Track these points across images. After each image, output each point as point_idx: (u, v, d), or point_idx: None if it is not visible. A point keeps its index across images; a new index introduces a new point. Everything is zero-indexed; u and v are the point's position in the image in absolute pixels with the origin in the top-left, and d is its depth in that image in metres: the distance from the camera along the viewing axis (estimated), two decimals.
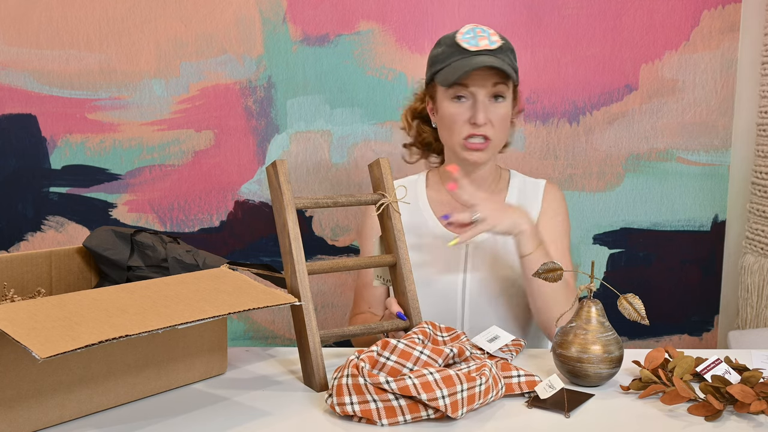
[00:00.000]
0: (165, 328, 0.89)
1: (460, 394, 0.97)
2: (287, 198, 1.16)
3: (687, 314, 2.03)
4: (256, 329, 2.04)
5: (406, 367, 1.02)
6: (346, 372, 0.99)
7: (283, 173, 1.16)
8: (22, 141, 1.96)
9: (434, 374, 0.97)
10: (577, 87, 1.94)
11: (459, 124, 1.42)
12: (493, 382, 1.03)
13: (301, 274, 1.14)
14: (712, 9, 1.90)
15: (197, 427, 0.98)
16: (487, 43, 1.39)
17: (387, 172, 1.26)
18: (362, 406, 0.97)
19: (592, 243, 2.00)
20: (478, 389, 1.00)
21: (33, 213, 1.99)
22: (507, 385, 1.09)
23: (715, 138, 1.95)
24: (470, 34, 1.41)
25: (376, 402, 0.97)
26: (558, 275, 1.18)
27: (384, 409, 0.97)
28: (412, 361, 1.03)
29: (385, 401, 0.97)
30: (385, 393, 0.97)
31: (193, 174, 1.98)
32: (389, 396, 0.97)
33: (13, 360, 0.92)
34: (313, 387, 1.12)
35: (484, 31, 1.41)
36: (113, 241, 1.31)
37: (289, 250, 1.15)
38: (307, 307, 1.13)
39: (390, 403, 0.97)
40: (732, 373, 1.07)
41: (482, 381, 1.01)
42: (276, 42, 1.93)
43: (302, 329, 1.14)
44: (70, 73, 1.94)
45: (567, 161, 1.97)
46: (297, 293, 1.13)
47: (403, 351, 1.04)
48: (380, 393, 0.97)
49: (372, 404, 0.97)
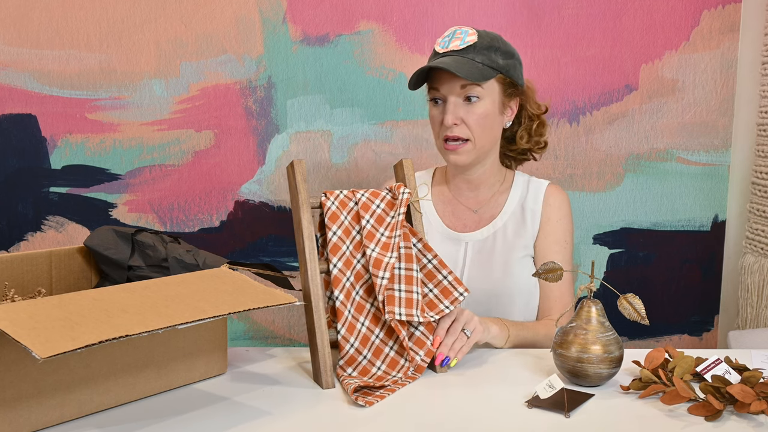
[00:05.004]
0: (165, 328, 0.89)
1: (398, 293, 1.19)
2: (303, 197, 1.18)
3: (687, 314, 2.03)
4: (256, 329, 2.05)
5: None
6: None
7: (300, 173, 1.19)
8: (22, 141, 1.96)
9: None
10: (577, 87, 1.94)
11: (436, 127, 1.43)
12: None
13: (313, 272, 1.15)
14: (712, 9, 1.90)
15: (197, 427, 0.98)
16: (458, 43, 1.38)
17: (410, 172, 1.30)
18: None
19: (592, 243, 2.00)
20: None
21: (33, 213, 1.99)
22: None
23: (715, 138, 1.95)
24: (448, 37, 1.40)
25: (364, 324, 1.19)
26: (558, 275, 1.18)
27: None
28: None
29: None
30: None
31: (193, 174, 1.98)
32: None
33: (13, 360, 0.92)
34: (320, 384, 1.13)
35: (462, 32, 1.39)
36: (114, 241, 1.31)
37: (303, 249, 1.17)
38: (317, 305, 1.14)
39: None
40: (732, 373, 1.07)
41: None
42: (276, 42, 1.93)
43: (312, 327, 1.14)
44: (70, 73, 1.94)
45: (567, 161, 1.97)
46: (309, 292, 1.14)
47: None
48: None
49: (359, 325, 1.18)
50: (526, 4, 1.91)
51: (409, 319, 1.18)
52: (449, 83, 1.38)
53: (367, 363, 1.17)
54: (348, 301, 1.18)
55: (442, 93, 1.40)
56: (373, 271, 1.18)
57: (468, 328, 1.23)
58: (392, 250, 1.20)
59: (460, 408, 1.06)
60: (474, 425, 0.99)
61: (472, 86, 1.37)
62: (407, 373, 1.18)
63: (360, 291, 1.21)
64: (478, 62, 1.37)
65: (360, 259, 1.21)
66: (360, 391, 1.10)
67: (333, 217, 1.21)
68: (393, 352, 1.20)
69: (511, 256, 1.45)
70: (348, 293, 1.18)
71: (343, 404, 1.07)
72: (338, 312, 1.16)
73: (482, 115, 1.40)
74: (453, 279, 1.23)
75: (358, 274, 1.21)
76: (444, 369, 1.21)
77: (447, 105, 1.39)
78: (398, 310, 1.17)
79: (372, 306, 1.21)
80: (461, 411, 1.04)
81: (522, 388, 1.12)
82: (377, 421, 1.01)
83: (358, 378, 1.14)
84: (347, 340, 1.16)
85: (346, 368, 1.16)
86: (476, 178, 1.49)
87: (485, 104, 1.40)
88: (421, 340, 1.21)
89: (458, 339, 1.21)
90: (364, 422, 1.00)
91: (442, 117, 1.40)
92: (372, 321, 1.20)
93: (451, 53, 1.38)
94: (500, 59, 1.39)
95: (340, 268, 1.18)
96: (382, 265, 1.18)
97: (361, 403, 1.05)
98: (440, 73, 1.39)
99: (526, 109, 1.51)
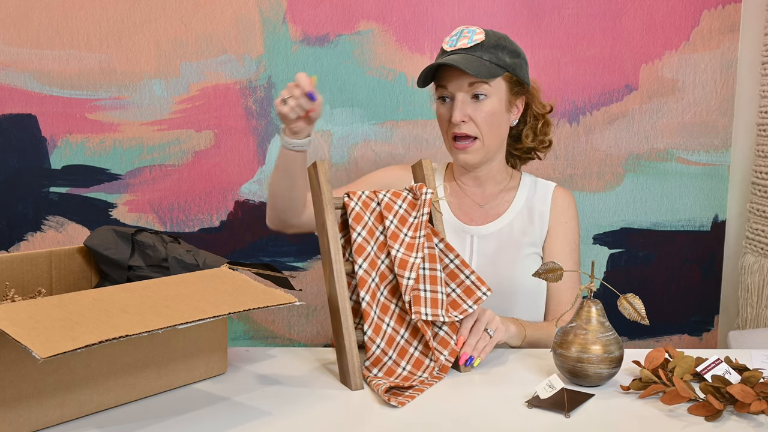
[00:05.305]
0: (165, 328, 0.89)
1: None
2: (326, 198, 1.17)
3: (687, 314, 2.03)
4: (256, 329, 2.05)
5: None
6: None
7: (324, 173, 1.18)
8: (22, 141, 1.96)
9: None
10: (577, 87, 1.94)
11: (444, 125, 1.44)
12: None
13: (338, 273, 1.15)
14: (712, 9, 1.90)
15: (197, 427, 0.98)
16: (466, 42, 1.39)
17: (429, 172, 1.30)
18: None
19: (592, 243, 2.00)
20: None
21: (33, 213, 1.99)
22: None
23: (715, 138, 1.95)
24: (455, 36, 1.42)
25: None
26: (558, 275, 1.18)
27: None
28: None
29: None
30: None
31: (193, 174, 1.98)
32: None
33: (13, 360, 0.92)
34: (348, 386, 1.12)
35: (470, 31, 1.41)
36: (114, 241, 1.31)
37: (328, 249, 1.16)
38: (344, 306, 1.14)
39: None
40: (732, 373, 1.07)
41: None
42: (276, 42, 1.93)
43: (339, 328, 1.14)
44: (70, 73, 1.94)
45: (567, 161, 1.97)
46: (335, 293, 1.14)
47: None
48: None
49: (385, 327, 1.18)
50: (526, 4, 1.91)
51: (434, 319, 1.18)
52: (457, 81, 1.39)
53: (392, 364, 1.17)
54: (373, 302, 1.17)
55: (450, 90, 1.40)
56: (399, 272, 1.18)
57: (490, 328, 1.23)
58: (417, 251, 1.20)
59: (460, 408, 1.06)
60: (474, 425, 0.99)
61: (480, 84, 1.38)
62: (432, 373, 1.18)
63: (384, 292, 1.20)
64: (486, 60, 1.38)
65: (384, 259, 1.21)
66: (390, 391, 1.10)
67: (357, 218, 1.20)
68: (417, 352, 1.20)
69: (517, 253, 1.46)
70: (373, 294, 1.18)
71: (343, 404, 1.07)
72: (364, 313, 1.15)
73: (490, 113, 1.41)
74: (475, 278, 1.23)
75: (383, 274, 1.21)
76: (468, 368, 1.21)
77: (455, 102, 1.40)
78: (424, 310, 1.17)
79: (396, 306, 1.21)
80: (461, 411, 1.04)
81: (522, 388, 1.12)
82: (376, 421, 1.01)
83: (384, 378, 1.13)
84: (373, 341, 1.15)
85: (371, 369, 1.15)
86: (483, 176, 1.50)
87: (492, 102, 1.41)
88: (445, 340, 1.21)
89: (481, 338, 1.22)
90: (365, 421, 1.00)
91: (449, 114, 1.41)
92: (397, 321, 1.20)
93: (459, 51, 1.39)
94: (507, 58, 1.41)
95: (365, 269, 1.17)
96: (407, 266, 1.18)
97: (393, 404, 1.05)
98: (448, 71, 1.39)
99: (531, 108, 1.52)
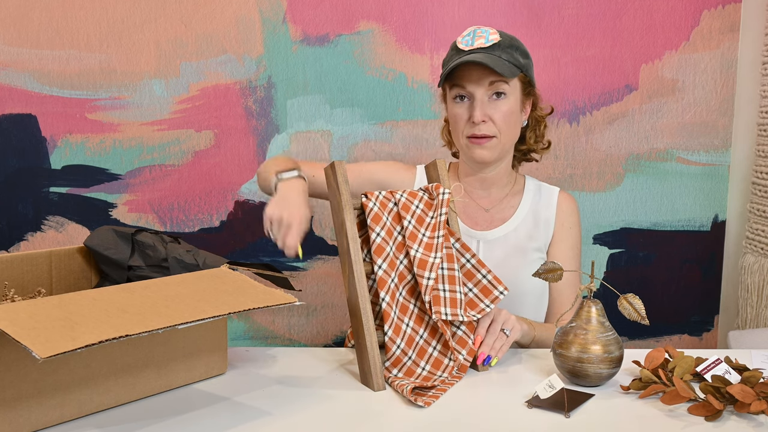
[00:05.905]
0: (165, 328, 0.89)
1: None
2: (345, 198, 1.17)
3: (687, 314, 2.03)
4: (256, 329, 2.04)
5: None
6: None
7: (341, 173, 1.17)
8: (22, 141, 1.96)
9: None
10: (577, 87, 1.94)
11: (461, 124, 1.42)
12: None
13: (359, 274, 1.14)
14: (712, 9, 1.90)
15: (197, 427, 0.98)
16: (483, 41, 1.39)
17: (444, 173, 1.30)
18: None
19: (592, 243, 2.00)
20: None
21: (33, 213, 1.99)
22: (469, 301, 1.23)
23: (715, 138, 1.95)
24: (469, 36, 1.41)
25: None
26: (558, 275, 1.18)
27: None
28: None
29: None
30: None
31: (193, 174, 1.98)
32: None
33: (13, 360, 0.92)
34: (370, 386, 1.12)
35: (484, 32, 1.41)
36: (114, 241, 1.31)
37: (347, 250, 1.16)
38: (364, 306, 1.13)
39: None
40: (732, 373, 1.07)
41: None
42: (276, 42, 1.93)
43: (360, 329, 1.14)
44: (70, 73, 1.94)
45: (567, 161, 1.97)
46: (355, 293, 1.14)
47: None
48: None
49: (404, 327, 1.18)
50: (526, 4, 1.91)
51: (454, 318, 1.18)
52: (478, 80, 1.38)
53: (412, 364, 1.17)
54: (393, 303, 1.17)
55: (469, 90, 1.39)
56: (418, 272, 1.18)
57: (506, 327, 1.24)
58: (435, 251, 1.20)
59: (460, 408, 1.06)
60: (474, 425, 0.99)
61: (500, 83, 1.38)
62: (452, 372, 1.18)
63: (403, 292, 1.20)
64: (505, 60, 1.38)
65: (402, 259, 1.21)
66: (415, 391, 1.10)
67: (376, 218, 1.20)
68: (436, 352, 1.20)
69: (523, 258, 1.46)
70: (393, 294, 1.18)
71: (340, 404, 1.07)
72: (384, 314, 1.15)
73: (508, 112, 1.40)
74: (492, 278, 1.23)
75: (401, 275, 1.21)
76: (486, 368, 1.21)
77: (475, 102, 1.39)
78: (444, 310, 1.17)
79: (415, 306, 1.21)
80: (461, 411, 1.04)
81: (522, 388, 1.12)
82: (375, 420, 1.01)
83: (406, 379, 1.13)
84: (394, 342, 1.15)
85: (392, 369, 1.15)
86: (490, 177, 1.49)
87: (510, 101, 1.41)
88: (463, 340, 1.21)
89: (498, 338, 1.23)
90: (365, 422, 1.00)
91: (468, 114, 1.40)
92: (416, 322, 1.20)
93: (478, 50, 1.38)
94: (521, 58, 1.41)
95: (385, 269, 1.17)
96: (427, 266, 1.18)
97: (420, 404, 1.05)
98: (467, 70, 1.38)
99: (535, 110, 1.52)
